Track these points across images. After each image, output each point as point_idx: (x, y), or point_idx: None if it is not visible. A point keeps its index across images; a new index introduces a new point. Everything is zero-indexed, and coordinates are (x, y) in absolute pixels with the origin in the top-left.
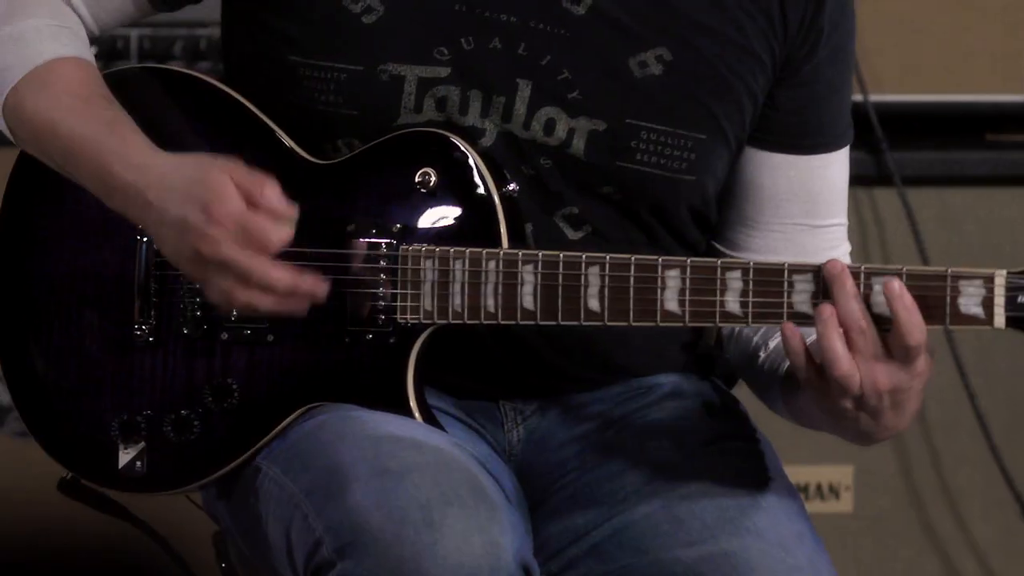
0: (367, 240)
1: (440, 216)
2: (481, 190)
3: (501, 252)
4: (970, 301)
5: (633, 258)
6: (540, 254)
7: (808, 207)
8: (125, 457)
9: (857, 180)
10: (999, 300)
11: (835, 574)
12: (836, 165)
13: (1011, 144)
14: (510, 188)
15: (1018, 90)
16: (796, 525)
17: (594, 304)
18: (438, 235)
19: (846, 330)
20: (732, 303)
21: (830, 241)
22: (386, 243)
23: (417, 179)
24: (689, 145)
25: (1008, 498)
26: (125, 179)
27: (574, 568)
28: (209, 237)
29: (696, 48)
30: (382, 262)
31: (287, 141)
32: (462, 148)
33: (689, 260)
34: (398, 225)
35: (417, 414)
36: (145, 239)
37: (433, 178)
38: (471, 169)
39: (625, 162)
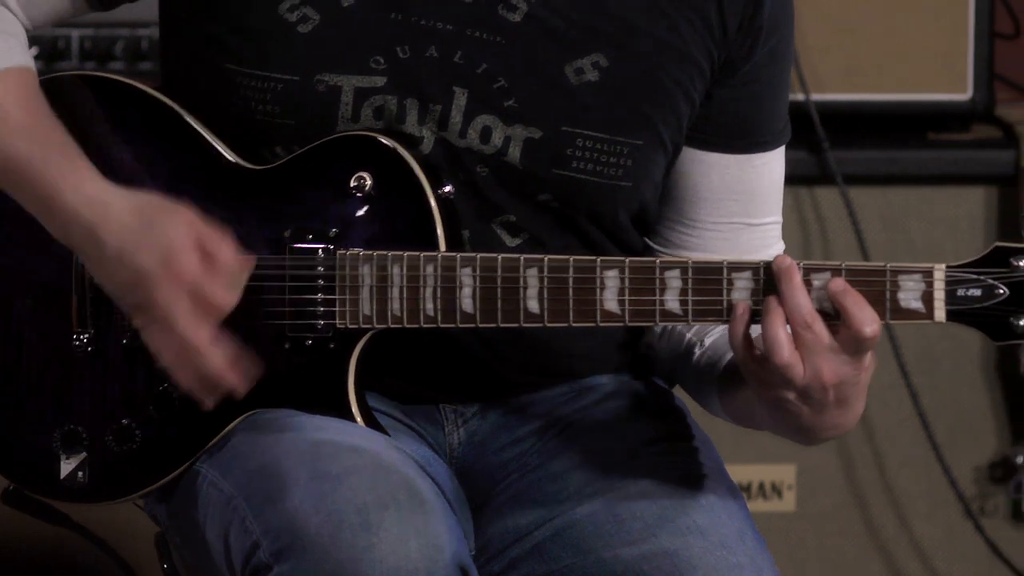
0: (303, 246)
1: (376, 219)
2: (416, 192)
3: (439, 256)
4: (910, 295)
5: (572, 259)
6: (478, 257)
7: (745, 205)
8: (67, 468)
9: (799, 179)
10: (939, 294)
11: (777, 572)
12: (773, 163)
13: (953, 143)
14: (446, 190)
15: (960, 90)
16: (737, 523)
17: (533, 306)
18: (375, 239)
19: (792, 325)
20: (672, 302)
21: (766, 239)
22: (323, 248)
23: (352, 183)
24: (626, 151)
25: (951, 497)
26: (76, 209)
27: (516, 568)
28: (162, 289)
29: (633, 53)
30: (319, 267)
31: (222, 148)
32: (396, 151)
33: (628, 260)
34: (334, 230)
35: (359, 418)
36: None
37: (368, 181)
38: (406, 172)
39: (561, 170)
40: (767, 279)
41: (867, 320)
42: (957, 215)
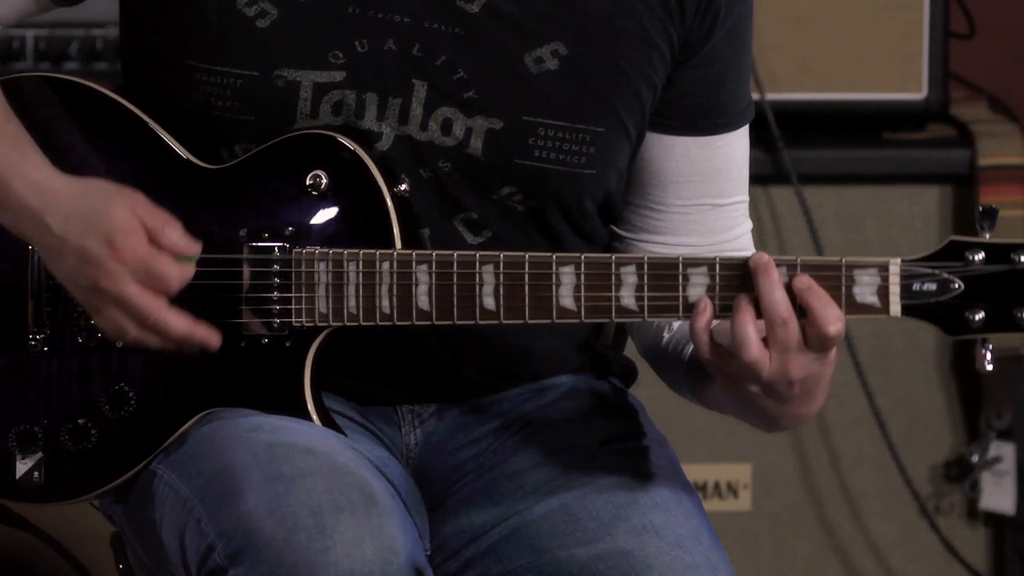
0: (259, 244)
1: (332, 218)
2: (372, 191)
3: (395, 253)
4: (865, 290)
5: (527, 255)
6: (434, 254)
7: (712, 187)
8: (23, 468)
9: (754, 179)
10: (894, 288)
11: (732, 572)
12: (737, 143)
13: (908, 143)
14: (402, 188)
15: (915, 89)
16: (693, 523)
17: (489, 303)
18: (331, 237)
19: (768, 321)
20: (627, 298)
21: (734, 219)
22: (279, 247)
23: (308, 181)
24: (588, 139)
25: (906, 496)
26: (22, 196)
27: (472, 568)
28: (111, 271)
29: (592, 41)
30: (275, 266)
31: (178, 148)
32: (352, 149)
33: (583, 256)
34: (290, 228)
35: (315, 417)
36: (36, 250)
37: (324, 180)
38: (361, 170)
39: (524, 160)
40: (723, 274)
41: (832, 318)
42: (912, 214)
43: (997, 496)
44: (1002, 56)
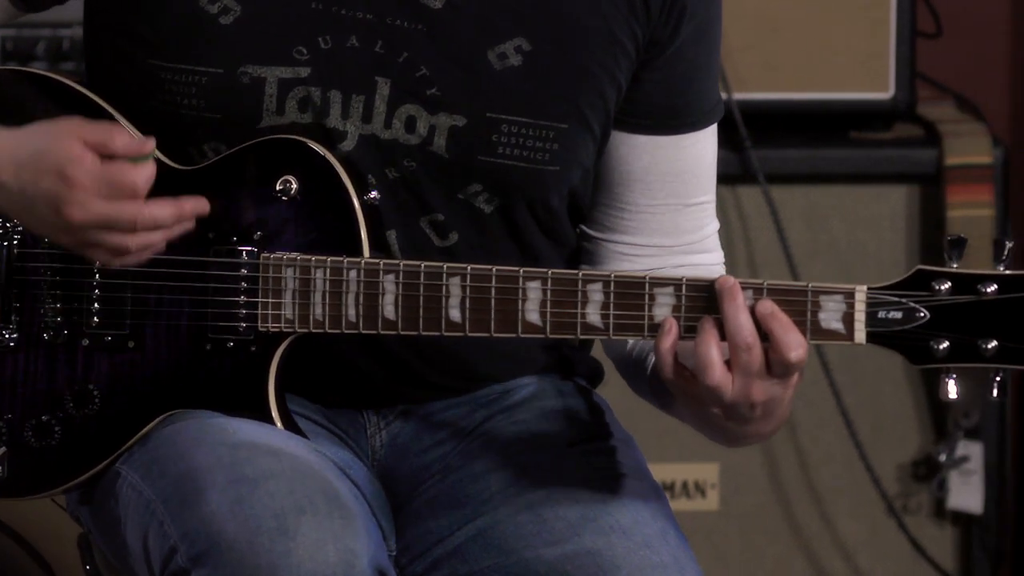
0: (227, 247)
1: (301, 224)
2: (342, 198)
3: (362, 261)
4: (830, 316)
5: (494, 269)
6: (401, 264)
7: (679, 186)
8: None
9: (722, 178)
10: (859, 316)
11: (700, 571)
12: (705, 142)
13: (875, 142)
14: (371, 196)
15: (882, 88)
16: (660, 523)
17: (455, 315)
18: (299, 243)
19: (732, 345)
20: (593, 315)
21: (702, 219)
22: (247, 251)
23: (278, 186)
24: (551, 136)
25: (874, 496)
26: None
27: (439, 569)
28: (76, 202)
29: (555, 37)
30: (243, 270)
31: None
32: (323, 155)
33: (550, 272)
34: (259, 233)
35: (278, 421)
36: (4, 243)
37: (294, 186)
38: (332, 177)
39: (488, 156)
40: (688, 295)
41: (793, 344)
42: (879, 214)
43: (965, 495)
44: (969, 55)
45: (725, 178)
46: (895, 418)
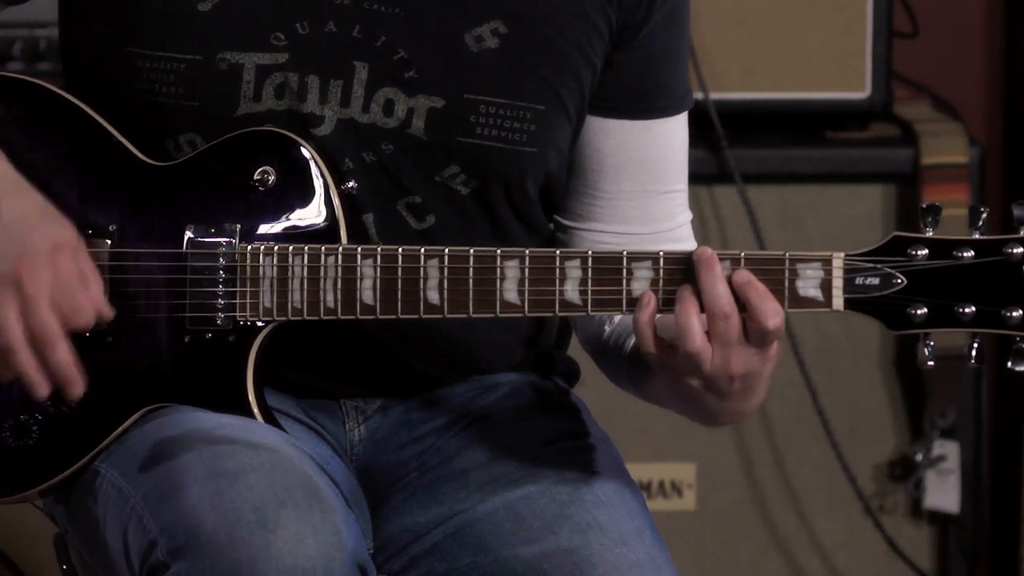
0: (205, 239)
1: (279, 215)
2: (320, 189)
3: (340, 248)
4: (808, 284)
5: (472, 250)
6: (379, 248)
7: (649, 173)
8: None
9: (697, 178)
10: (837, 282)
11: (676, 570)
12: (676, 129)
13: (851, 142)
14: (349, 186)
15: (858, 88)
16: (637, 521)
17: (433, 297)
18: (278, 234)
19: (709, 315)
20: (571, 292)
21: (674, 207)
22: (224, 242)
23: (256, 177)
24: (528, 117)
25: (850, 495)
26: None
27: (416, 567)
28: (39, 271)
29: (531, 19)
30: (221, 260)
31: (126, 144)
32: (301, 146)
33: (528, 250)
34: (237, 224)
35: (257, 414)
36: None
37: (272, 177)
38: (310, 167)
39: (466, 137)
40: (667, 267)
41: (770, 313)
42: (855, 213)
43: (941, 495)
44: (945, 55)
45: (701, 178)
46: (872, 418)
